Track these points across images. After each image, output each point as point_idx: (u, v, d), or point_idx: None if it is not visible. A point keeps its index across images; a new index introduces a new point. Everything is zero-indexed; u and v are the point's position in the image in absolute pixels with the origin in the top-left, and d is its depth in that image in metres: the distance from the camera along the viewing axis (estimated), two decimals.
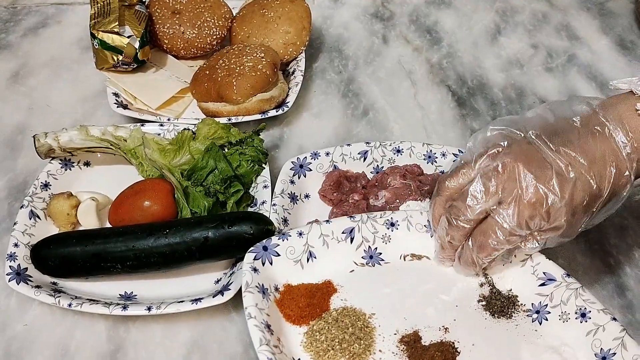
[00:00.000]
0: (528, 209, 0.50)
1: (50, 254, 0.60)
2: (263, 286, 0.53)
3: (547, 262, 0.57)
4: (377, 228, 0.60)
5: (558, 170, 0.50)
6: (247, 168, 0.68)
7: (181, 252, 0.59)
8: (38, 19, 0.98)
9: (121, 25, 0.78)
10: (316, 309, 0.55)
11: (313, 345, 0.52)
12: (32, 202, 0.65)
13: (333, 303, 0.56)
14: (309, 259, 0.58)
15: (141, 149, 0.67)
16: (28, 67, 0.90)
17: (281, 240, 0.57)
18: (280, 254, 0.56)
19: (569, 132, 0.52)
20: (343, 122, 0.83)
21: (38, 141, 0.67)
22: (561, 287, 0.56)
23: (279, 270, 0.56)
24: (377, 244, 0.60)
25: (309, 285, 0.57)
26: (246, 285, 0.52)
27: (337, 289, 0.57)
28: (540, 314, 0.56)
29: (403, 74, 0.91)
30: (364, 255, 0.59)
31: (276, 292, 0.55)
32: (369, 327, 0.54)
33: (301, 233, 0.58)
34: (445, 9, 1.04)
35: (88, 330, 0.59)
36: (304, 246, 0.58)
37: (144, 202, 0.63)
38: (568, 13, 1.03)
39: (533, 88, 0.88)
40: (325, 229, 0.59)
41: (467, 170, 0.54)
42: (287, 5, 0.85)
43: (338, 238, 0.59)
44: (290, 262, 0.57)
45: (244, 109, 0.76)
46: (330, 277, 0.57)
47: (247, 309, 0.50)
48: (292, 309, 0.54)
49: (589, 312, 0.54)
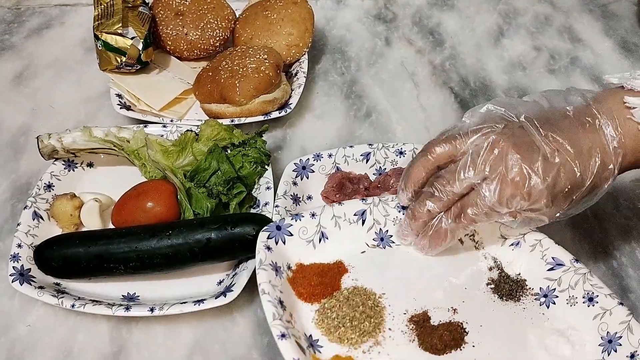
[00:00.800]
0: (510, 187, 0.51)
1: (53, 254, 0.60)
2: (276, 264, 0.54)
3: (556, 247, 0.58)
4: (389, 211, 0.60)
5: (544, 154, 0.51)
6: (250, 169, 0.68)
7: (184, 254, 0.59)
8: (41, 20, 0.99)
9: (125, 26, 0.78)
10: (328, 287, 0.56)
11: (324, 322, 0.53)
12: (36, 203, 0.65)
13: (344, 282, 0.56)
14: (321, 239, 0.58)
15: (144, 150, 0.68)
16: (31, 68, 0.90)
17: (294, 221, 0.58)
18: (293, 234, 0.57)
19: (560, 120, 0.54)
20: (346, 123, 0.83)
21: (41, 142, 0.67)
22: (569, 271, 0.56)
23: (292, 249, 0.57)
24: (388, 226, 0.60)
25: (320, 264, 0.57)
26: (260, 263, 0.53)
27: (348, 269, 0.58)
28: (548, 297, 0.56)
29: (406, 75, 0.91)
30: (375, 237, 0.60)
31: (289, 271, 0.56)
32: (379, 307, 0.55)
33: (314, 214, 0.59)
34: (448, 11, 1.04)
35: (91, 331, 0.59)
36: (316, 227, 0.58)
37: (146, 203, 0.64)
38: (571, 15, 1.03)
39: (536, 90, 0.88)
40: (337, 210, 0.59)
41: (459, 142, 0.55)
42: (290, 7, 0.85)
43: (350, 220, 0.60)
44: (303, 242, 0.58)
45: (247, 111, 0.77)
46: (342, 257, 0.58)
47: (261, 285, 0.51)
48: (305, 287, 0.55)
49: (596, 297, 0.54)
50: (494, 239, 0.60)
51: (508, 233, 0.60)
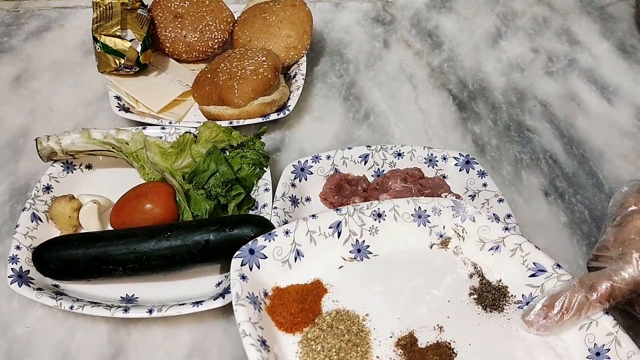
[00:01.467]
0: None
1: (52, 256, 0.60)
2: (253, 294, 0.52)
3: (537, 251, 0.56)
4: (364, 220, 0.59)
5: None
6: (249, 171, 0.68)
7: (182, 255, 0.59)
8: (41, 23, 0.99)
9: (123, 29, 0.78)
10: (308, 314, 0.53)
11: (310, 355, 0.51)
12: (34, 204, 0.65)
13: (325, 305, 0.55)
14: (297, 258, 0.57)
15: (143, 152, 0.68)
16: (30, 70, 0.90)
17: (267, 241, 0.56)
18: (267, 256, 0.55)
19: None
20: (344, 125, 0.83)
21: (40, 144, 0.67)
22: (552, 278, 0.55)
23: (267, 273, 0.55)
24: (365, 236, 0.59)
25: (298, 287, 0.55)
26: (237, 298, 0.50)
27: (327, 288, 0.56)
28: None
29: (404, 77, 0.91)
30: (352, 250, 0.58)
31: (266, 298, 0.54)
32: (364, 332, 0.53)
33: (287, 232, 0.57)
34: (446, 13, 1.04)
35: (89, 333, 0.59)
36: (290, 245, 0.57)
37: (145, 205, 0.64)
38: (568, 17, 1.03)
39: (534, 92, 0.89)
40: (311, 224, 0.58)
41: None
42: (288, 9, 0.86)
43: (325, 233, 0.58)
44: (278, 264, 0.56)
45: (246, 113, 0.77)
46: (319, 275, 0.57)
47: (241, 326, 0.48)
48: (284, 316, 0.53)
49: None
50: (472, 243, 0.59)
51: (486, 237, 0.58)
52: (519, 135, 0.82)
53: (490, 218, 0.59)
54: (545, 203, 0.73)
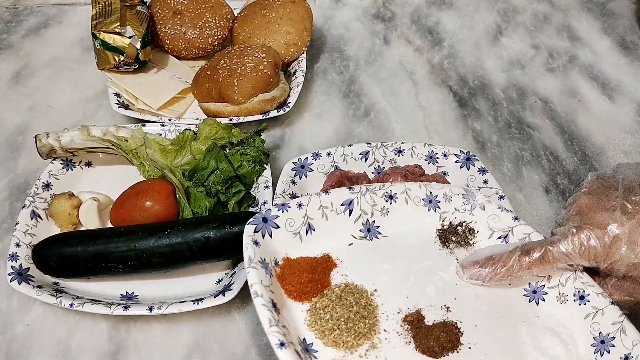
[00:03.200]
0: (584, 233, 0.50)
1: (51, 254, 0.60)
2: (265, 260, 0.52)
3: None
4: (376, 200, 0.59)
5: (622, 209, 0.50)
6: (249, 168, 0.68)
7: (182, 253, 0.59)
8: (39, 20, 0.99)
9: (122, 25, 0.78)
10: (317, 284, 0.54)
11: (317, 324, 0.51)
12: (34, 202, 0.65)
13: (334, 279, 0.55)
14: (308, 231, 0.57)
15: (142, 149, 0.67)
16: (29, 67, 0.90)
17: (280, 212, 0.56)
18: (279, 226, 0.56)
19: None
20: (344, 122, 0.83)
21: (39, 141, 0.67)
22: None
23: (279, 242, 0.55)
24: (375, 216, 0.59)
25: (308, 259, 0.56)
26: (249, 261, 0.50)
27: (336, 263, 0.56)
28: (537, 294, 0.56)
29: (404, 74, 0.91)
30: (362, 229, 0.59)
31: (276, 267, 0.54)
32: (372, 305, 0.53)
33: (300, 204, 0.57)
34: (446, 10, 1.04)
35: (89, 331, 0.59)
36: (303, 218, 0.57)
37: (145, 203, 0.63)
38: (569, 14, 1.03)
39: (534, 88, 0.88)
40: (324, 200, 0.58)
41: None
42: (288, 5, 0.85)
43: (337, 210, 0.58)
44: (290, 235, 0.56)
45: (245, 110, 0.76)
46: (329, 250, 0.57)
47: (253, 287, 0.48)
48: (294, 284, 0.53)
49: (587, 295, 0.54)
50: (481, 231, 0.59)
51: (496, 225, 0.59)
52: (520, 132, 0.82)
53: (500, 207, 0.59)
54: (546, 200, 0.72)
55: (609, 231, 0.50)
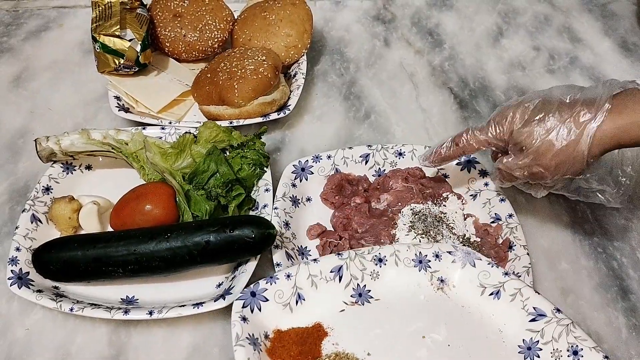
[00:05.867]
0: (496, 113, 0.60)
1: (51, 258, 0.60)
2: (253, 336, 0.52)
3: (537, 296, 0.56)
4: (365, 265, 0.59)
5: (523, 107, 0.58)
6: (249, 171, 0.68)
7: (182, 256, 0.59)
8: (40, 23, 0.99)
9: (123, 28, 0.78)
10: (308, 356, 0.54)
11: None
12: (34, 206, 0.65)
13: (325, 348, 0.55)
14: (298, 301, 0.57)
15: (143, 153, 0.67)
16: (30, 70, 0.90)
17: (269, 284, 0.56)
18: (268, 299, 0.56)
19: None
20: (345, 125, 0.82)
21: (39, 145, 0.67)
22: (552, 322, 0.55)
23: (268, 315, 0.55)
24: (366, 280, 0.59)
25: (299, 330, 0.56)
26: (236, 339, 0.51)
27: (327, 332, 0.56)
28: (532, 350, 0.55)
29: (405, 76, 0.90)
30: (353, 294, 0.58)
31: (266, 340, 0.54)
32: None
33: (289, 275, 0.57)
34: (447, 11, 1.03)
35: (89, 335, 0.59)
36: (292, 288, 0.57)
37: (145, 206, 0.63)
38: (570, 15, 1.03)
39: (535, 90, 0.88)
40: (313, 269, 0.58)
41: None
42: (288, 8, 0.85)
43: (327, 278, 0.58)
44: (279, 307, 0.56)
45: (246, 112, 0.76)
46: (320, 319, 0.57)
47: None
48: (284, 358, 0.53)
49: (580, 350, 0.53)
50: (472, 288, 0.59)
51: (487, 282, 0.58)
52: None
53: (491, 263, 0.59)
54: (547, 202, 0.72)
55: (509, 111, 0.58)
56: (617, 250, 0.67)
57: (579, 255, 0.67)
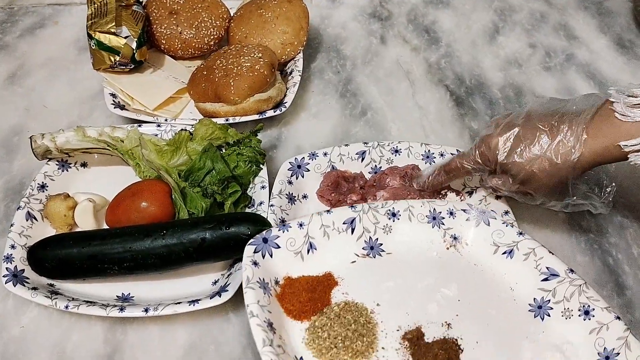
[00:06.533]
0: (478, 143, 0.61)
1: (47, 255, 0.59)
2: (264, 280, 0.53)
3: (551, 256, 0.57)
4: (379, 218, 0.59)
5: (503, 126, 0.59)
6: (245, 169, 0.67)
7: (178, 254, 0.59)
8: (35, 20, 0.98)
9: (118, 25, 0.78)
10: (317, 303, 0.54)
11: (315, 342, 0.52)
12: (29, 203, 0.65)
13: (334, 297, 0.55)
14: (310, 250, 0.57)
15: (138, 150, 0.67)
16: (25, 67, 0.89)
17: (281, 232, 0.56)
18: (280, 246, 0.56)
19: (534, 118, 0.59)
20: (341, 122, 0.82)
21: (35, 142, 0.67)
22: (564, 282, 0.55)
23: (280, 262, 0.55)
24: (378, 234, 0.59)
25: (309, 277, 0.56)
26: (247, 281, 0.51)
27: (337, 281, 0.56)
28: (543, 309, 0.55)
29: (401, 73, 0.90)
30: (365, 246, 0.59)
31: (277, 286, 0.54)
32: (372, 323, 0.53)
33: (302, 224, 0.57)
34: (443, 9, 1.03)
35: (85, 332, 0.59)
36: (304, 237, 0.57)
37: (141, 203, 0.63)
38: (566, 12, 1.03)
39: (531, 87, 0.88)
40: (325, 219, 0.58)
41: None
42: (284, 5, 0.85)
43: (339, 229, 0.58)
44: (291, 254, 0.56)
45: (242, 110, 0.76)
46: (331, 269, 0.57)
47: (249, 307, 0.49)
48: (294, 303, 0.54)
49: (592, 310, 0.53)
50: (485, 246, 0.59)
51: (500, 241, 0.59)
52: None
53: (505, 222, 0.59)
54: None
55: (492, 141, 0.59)
56: (612, 247, 0.68)
57: (575, 252, 0.67)
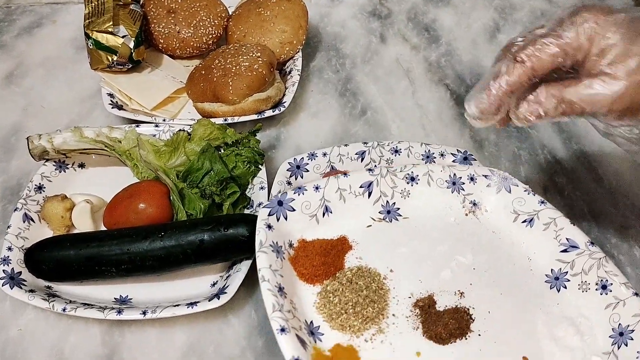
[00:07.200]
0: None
1: (44, 257, 0.59)
2: (277, 244, 0.53)
3: (572, 227, 0.56)
4: (397, 182, 0.59)
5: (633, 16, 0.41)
6: (244, 169, 0.67)
7: (176, 255, 0.58)
8: (32, 19, 0.97)
9: (116, 24, 0.77)
10: (330, 267, 0.54)
11: (326, 307, 0.52)
12: (26, 204, 0.64)
13: (348, 261, 0.55)
14: (325, 213, 0.57)
15: (136, 151, 0.67)
16: (22, 67, 0.89)
17: (297, 195, 0.56)
18: (295, 209, 0.56)
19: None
20: (340, 121, 0.82)
21: (32, 143, 0.66)
22: (584, 255, 0.54)
23: (294, 225, 0.55)
24: (396, 198, 0.59)
25: (324, 241, 0.56)
26: (260, 245, 0.51)
27: (352, 245, 0.56)
28: (559, 280, 0.55)
29: (401, 72, 0.90)
30: (382, 210, 0.58)
31: (290, 249, 0.54)
32: (383, 289, 0.53)
33: (317, 187, 0.57)
34: (443, 7, 1.03)
35: (82, 335, 0.59)
36: (320, 200, 0.57)
37: (139, 205, 0.63)
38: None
39: None
40: (342, 182, 0.58)
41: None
42: (283, 4, 0.84)
43: (355, 192, 0.58)
44: (306, 217, 0.56)
45: (240, 109, 0.76)
46: (346, 232, 0.57)
47: (261, 271, 0.49)
48: (306, 267, 0.54)
49: (610, 285, 0.52)
50: (505, 214, 0.58)
51: (521, 209, 0.57)
52: (518, 130, 0.81)
53: (527, 190, 0.57)
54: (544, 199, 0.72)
55: (592, 20, 0.42)
56: (614, 248, 0.67)
57: None
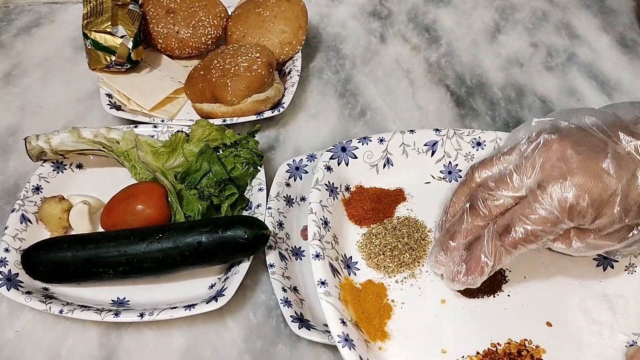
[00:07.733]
0: (575, 189, 0.41)
1: (41, 259, 0.59)
2: (333, 185, 0.56)
3: None
4: (462, 145, 0.61)
5: (615, 153, 0.42)
6: (242, 170, 0.67)
7: (174, 257, 0.58)
8: (31, 19, 0.97)
9: (114, 25, 0.77)
10: (380, 213, 0.57)
11: (367, 247, 0.55)
12: (24, 205, 0.64)
13: (398, 211, 0.58)
14: (386, 165, 0.59)
15: (134, 152, 0.66)
16: (21, 67, 0.88)
17: (361, 144, 0.59)
18: (357, 157, 0.58)
19: (631, 124, 0.45)
20: (340, 122, 0.81)
21: (29, 144, 0.66)
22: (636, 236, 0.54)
23: (354, 171, 0.58)
24: (459, 160, 0.60)
25: (379, 190, 0.59)
26: (316, 182, 0.55)
27: (406, 198, 0.59)
28: (608, 260, 0.55)
29: (401, 73, 0.89)
30: (443, 170, 0.60)
31: (346, 192, 0.58)
32: (425, 241, 0.56)
33: (382, 139, 0.60)
34: (444, 7, 1.02)
35: (80, 337, 0.58)
36: (382, 152, 0.59)
37: (136, 206, 0.62)
38: (568, 11, 1.02)
39: (533, 87, 0.87)
40: (407, 138, 0.60)
41: (502, 159, 0.48)
42: (283, 4, 0.84)
43: (419, 149, 0.60)
44: (367, 166, 0.59)
45: (239, 110, 0.75)
46: (404, 186, 0.59)
47: (311, 204, 0.53)
48: (357, 210, 0.57)
49: None
50: None
51: None
52: None
53: None
54: None
55: (606, 186, 0.42)
56: None
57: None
